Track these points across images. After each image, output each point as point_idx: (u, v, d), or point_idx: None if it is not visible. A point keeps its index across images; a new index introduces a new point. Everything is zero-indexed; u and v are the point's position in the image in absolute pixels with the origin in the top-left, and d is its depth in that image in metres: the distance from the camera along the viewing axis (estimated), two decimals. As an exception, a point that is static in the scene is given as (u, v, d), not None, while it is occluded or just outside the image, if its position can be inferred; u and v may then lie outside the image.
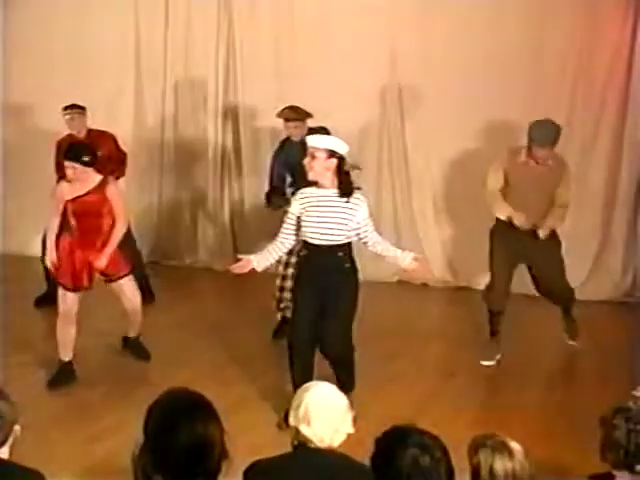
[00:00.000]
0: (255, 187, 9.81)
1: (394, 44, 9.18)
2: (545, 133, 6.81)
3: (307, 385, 3.65)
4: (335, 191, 5.68)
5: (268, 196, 7.76)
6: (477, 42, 8.77)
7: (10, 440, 3.49)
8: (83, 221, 6.64)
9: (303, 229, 5.75)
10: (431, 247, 9.41)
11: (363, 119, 9.28)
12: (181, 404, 2.67)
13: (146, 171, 10.06)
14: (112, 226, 6.70)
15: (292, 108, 7.68)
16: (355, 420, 3.60)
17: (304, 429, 3.49)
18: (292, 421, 3.54)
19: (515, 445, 3.35)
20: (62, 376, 6.68)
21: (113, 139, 8.43)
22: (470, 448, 3.36)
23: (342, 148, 5.66)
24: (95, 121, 8.45)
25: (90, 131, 8.36)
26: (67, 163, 6.56)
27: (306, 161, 5.69)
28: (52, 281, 8.42)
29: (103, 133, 8.34)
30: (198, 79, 10.00)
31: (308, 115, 7.65)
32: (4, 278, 9.04)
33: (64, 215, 6.74)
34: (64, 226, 6.82)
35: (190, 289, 9.42)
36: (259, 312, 8.18)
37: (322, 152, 5.59)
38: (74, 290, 6.69)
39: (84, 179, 6.60)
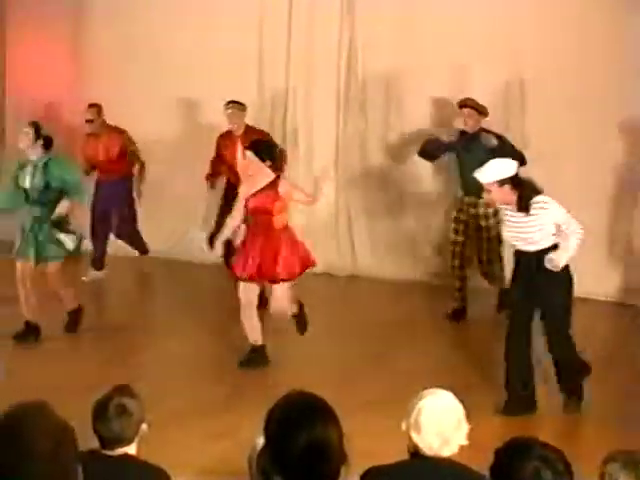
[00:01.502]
0: (371, 191, 9.81)
1: (515, 41, 9.00)
2: None
3: (424, 392, 3.60)
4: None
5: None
6: (602, 37, 8.59)
7: (138, 437, 3.55)
8: (256, 218, 6.88)
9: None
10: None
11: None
12: (302, 407, 2.70)
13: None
14: (286, 226, 6.90)
15: (471, 99, 8.11)
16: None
17: (414, 436, 3.47)
18: (404, 426, 3.51)
19: None
20: (255, 358, 6.96)
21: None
22: (603, 461, 3.32)
23: (508, 170, 5.93)
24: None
25: (247, 127, 8.64)
26: (247, 153, 6.95)
27: (486, 198, 6.26)
28: None
29: (261, 132, 8.51)
30: (319, 87, 9.98)
31: (483, 108, 8.02)
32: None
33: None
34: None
35: (310, 295, 9.43)
36: (376, 317, 8.22)
37: (492, 185, 5.94)
38: (242, 279, 6.85)
39: (256, 174, 6.85)
